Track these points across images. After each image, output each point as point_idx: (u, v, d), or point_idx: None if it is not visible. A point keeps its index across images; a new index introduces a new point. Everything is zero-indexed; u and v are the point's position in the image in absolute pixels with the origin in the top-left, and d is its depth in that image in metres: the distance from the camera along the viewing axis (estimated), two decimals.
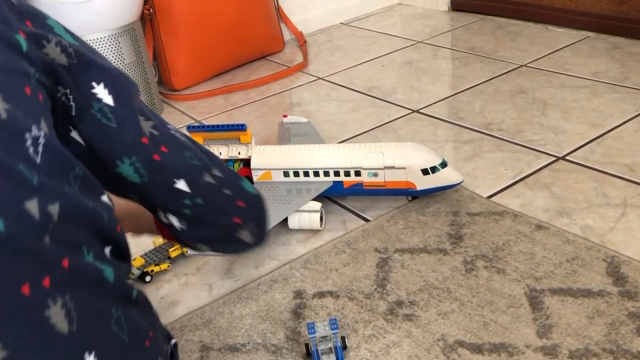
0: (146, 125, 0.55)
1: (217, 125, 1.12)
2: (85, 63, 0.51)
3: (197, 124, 1.21)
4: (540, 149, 1.21)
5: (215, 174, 0.59)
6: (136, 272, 0.98)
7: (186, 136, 0.60)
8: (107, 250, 0.50)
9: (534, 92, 1.46)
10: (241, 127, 1.10)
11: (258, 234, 0.64)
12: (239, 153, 1.13)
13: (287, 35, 2.05)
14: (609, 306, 0.79)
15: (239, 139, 1.13)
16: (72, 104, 0.51)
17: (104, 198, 0.52)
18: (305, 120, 1.36)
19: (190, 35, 1.73)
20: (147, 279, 0.98)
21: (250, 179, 1.13)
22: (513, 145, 1.24)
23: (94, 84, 0.52)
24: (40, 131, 0.44)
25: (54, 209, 0.43)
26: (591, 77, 1.50)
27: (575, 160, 1.16)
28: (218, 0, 1.74)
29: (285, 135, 1.31)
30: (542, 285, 0.85)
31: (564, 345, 0.74)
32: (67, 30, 0.53)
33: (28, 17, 0.49)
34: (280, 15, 2.01)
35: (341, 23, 2.22)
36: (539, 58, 1.66)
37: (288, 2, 2.03)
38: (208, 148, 1.12)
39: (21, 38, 0.46)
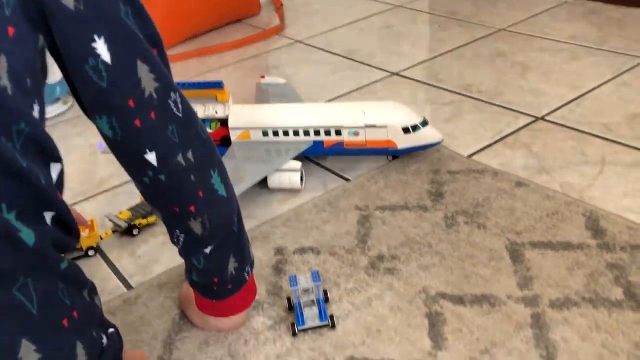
0: (149, 85, 0.52)
1: (193, 83, 1.09)
2: (92, 11, 0.47)
3: None
4: (519, 110, 1.21)
5: (188, 157, 0.57)
6: (123, 224, 0.95)
7: (186, 106, 0.57)
8: (48, 216, 0.47)
9: (513, 56, 1.46)
10: (218, 85, 1.08)
11: (210, 231, 0.61)
12: (216, 112, 1.10)
13: None
14: (588, 258, 0.80)
15: (216, 97, 1.10)
16: (64, 50, 0.48)
17: (54, 166, 0.49)
18: (284, 81, 1.34)
19: None
20: (135, 231, 0.96)
21: (228, 138, 1.10)
22: (492, 107, 1.24)
23: (95, 36, 0.48)
24: None
25: None
26: (570, 41, 1.50)
27: (554, 120, 1.16)
28: None
29: (263, 97, 1.29)
30: (523, 239, 0.85)
31: (544, 295, 0.75)
32: None
33: None
34: None
35: None
36: (518, 22, 1.65)
37: None
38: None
39: None
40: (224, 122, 1.11)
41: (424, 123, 1.05)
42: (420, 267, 0.82)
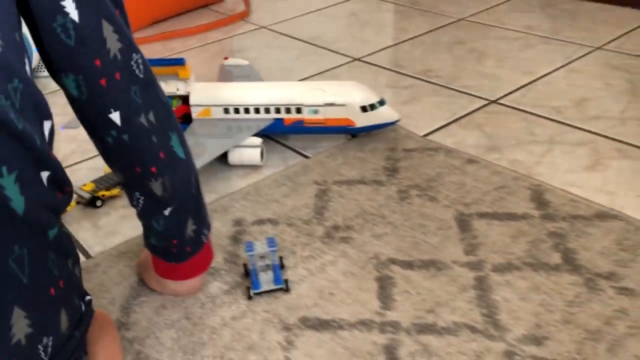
0: (113, 45, 0.53)
1: (154, 60, 1.10)
2: None
3: None
4: (474, 94, 1.26)
5: (150, 119, 0.59)
6: (87, 196, 0.96)
7: (147, 68, 0.58)
8: (44, 176, 0.49)
9: (471, 43, 1.51)
10: (179, 62, 1.09)
11: (170, 193, 0.63)
12: (177, 89, 1.12)
13: None
14: (531, 227, 0.84)
15: (178, 74, 1.11)
16: (33, 8, 0.48)
17: (47, 123, 0.50)
18: (247, 62, 1.35)
19: None
20: (98, 203, 0.97)
21: (189, 115, 1.12)
22: (449, 90, 1.28)
23: None
24: None
25: None
26: (525, 31, 1.55)
27: (507, 104, 1.21)
28: None
29: (226, 78, 1.30)
30: (471, 210, 0.89)
31: (488, 260, 0.79)
32: None
33: None
34: None
35: None
36: (477, 12, 1.70)
37: None
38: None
39: None
40: (185, 99, 1.12)
41: (382, 102, 1.09)
42: (374, 236, 0.85)
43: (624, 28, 1.51)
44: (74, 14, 0.50)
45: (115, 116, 0.56)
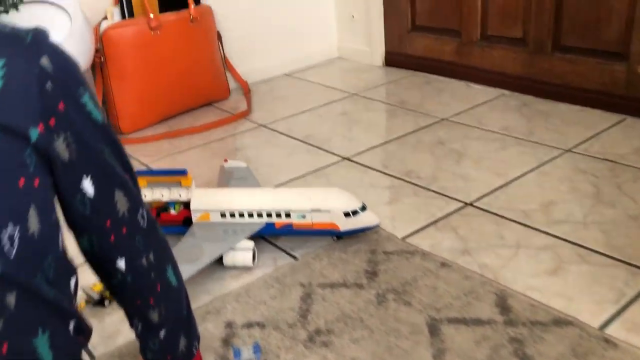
0: (123, 207, 0.64)
1: (160, 170, 1.23)
2: (82, 158, 0.58)
3: (141, 169, 1.31)
4: (451, 196, 1.37)
5: (150, 258, 0.69)
6: (96, 296, 1.06)
7: (149, 216, 0.69)
8: (71, 325, 0.59)
9: (451, 144, 1.64)
10: (182, 172, 1.21)
11: (165, 318, 0.72)
12: (180, 196, 1.23)
13: (232, 84, 2.18)
14: (494, 332, 0.93)
15: (180, 182, 1.23)
16: (58, 191, 0.59)
17: (72, 278, 0.61)
18: (244, 165, 1.48)
19: (138, 83, 1.84)
20: (106, 303, 1.07)
21: (189, 219, 1.23)
22: (428, 192, 1.40)
23: (83, 176, 0.59)
24: (16, 226, 0.51)
25: (11, 298, 0.51)
26: (502, 132, 1.68)
27: (480, 206, 1.32)
28: (167, 49, 1.86)
29: (225, 179, 1.43)
30: (441, 315, 0.98)
31: None
32: (97, 107, 0.60)
33: (63, 97, 0.55)
34: (227, 65, 2.15)
35: (284, 74, 2.37)
36: (459, 112, 1.85)
37: (234, 52, 2.18)
38: (151, 191, 1.22)
39: (35, 132, 0.52)
40: (187, 204, 1.24)
41: (363, 208, 1.20)
42: (352, 340, 0.94)
43: (592, 130, 1.64)
44: (90, 191, 0.60)
45: (121, 262, 0.67)
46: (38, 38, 0.55)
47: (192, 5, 1.91)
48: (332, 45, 2.50)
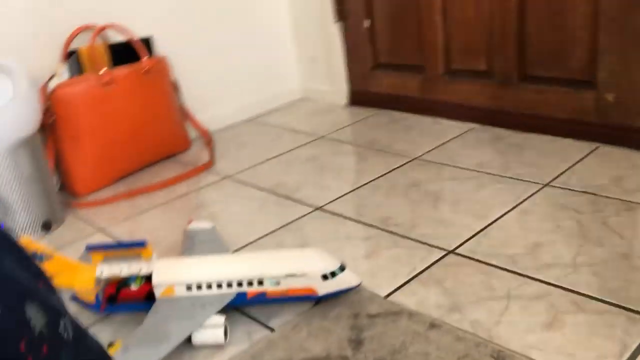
0: (39, 322, 0.53)
1: (117, 244, 1.12)
2: None
3: (96, 243, 1.21)
4: (432, 243, 1.29)
5: None
6: None
7: (75, 326, 0.58)
8: None
9: (426, 185, 1.57)
10: (141, 244, 1.11)
11: None
12: (140, 269, 1.13)
13: (193, 133, 2.09)
14: None
15: (140, 254, 1.13)
16: None
17: None
18: (210, 226, 1.38)
19: (93, 141, 1.74)
20: None
21: (153, 294, 1.12)
22: (408, 241, 1.32)
23: None
24: None
25: None
26: (477, 169, 1.63)
27: (463, 254, 1.24)
28: (121, 104, 1.77)
29: (189, 244, 1.32)
30: None
31: None
32: None
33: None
34: (185, 115, 2.06)
35: (247, 119, 2.30)
36: (430, 150, 1.79)
37: (193, 100, 2.09)
38: (108, 266, 1.11)
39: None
40: (148, 278, 1.13)
41: (342, 268, 1.11)
42: None
43: (568, 161, 1.60)
44: None
45: None
46: None
47: (145, 57, 1.82)
48: (294, 86, 2.44)
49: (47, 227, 1.56)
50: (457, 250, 1.26)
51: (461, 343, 0.98)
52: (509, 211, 1.39)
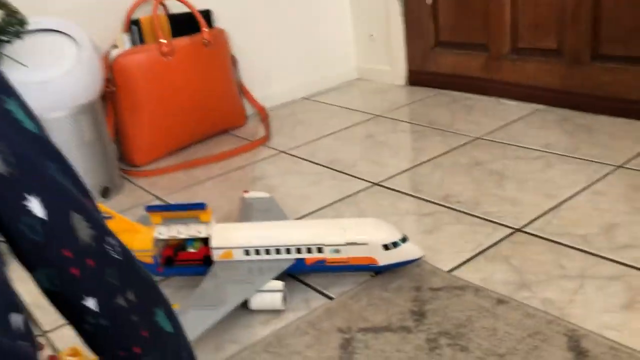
0: (84, 233, 0.53)
1: (176, 205, 1.11)
2: (25, 174, 0.49)
3: (155, 205, 1.20)
4: (498, 221, 1.24)
5: (129, 298, 0.57)
6: None
7: (123, 249, 0.58)
8: None
9: (490, 164, 1.51)
10: (200, 206, 1.10)
11: None
12: (199, 232, 1.12)
13: (250, 110, 2.08)
14: None
15: (199, 217, 1.12)
16: None
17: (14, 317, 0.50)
18: (267, 195, 1.36)
19: (151, 112, 1.74)
20: None
21: (210, 258, 1.11)
22: (472, 218, 1.26)
23: (27, 196, 0.50)
24: None
25: None
26: (544, 149, 1.55)
27: (532, 232, 1.18)
28: (180, 75, 1.77)
29: (247, 212, 1.31)
30: None
31: None
32: (31, 117, 0.51)
33: None
34: (243, 91, 2.05)
35: (302, 98, 2.27)
36: (493, 130, 1.72)
37: (250, 77, 2.08)
38: (166, 228, 1.11)
39: None
40: (206, 241, 1.12)
41: (404, 240, 1.07)
42: None
43: None
44: (39, 212, 0.50)
45: (90, 302, 0.55)
46: None
47: (205, 29, 1.82)
48: (351, 66, 2.40)
49: (105, 193, 1.57)
50: (524, 229, 1.20)
51: (531, 320, 0.92)
52: (580, 191, 1.31)
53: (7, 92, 0.50)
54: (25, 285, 0.53)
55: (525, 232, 1.18)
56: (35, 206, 0.50)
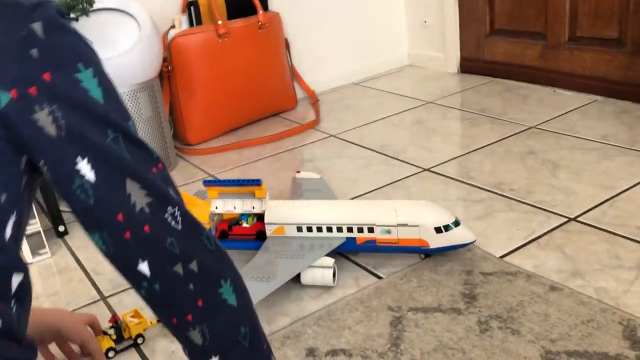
0: (140, 200, 0.54)
1: (233, 180, 1.14)
2: (75, 137, 0.51)
3: (213, 179, 1.23)
4: (551, 210, 1.22)
5: (191, 268, 0.58)
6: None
7: (187, 219, 0.58)
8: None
9: (544, 154, 1.48)
10: (256, 182, 1.12)
11: (212, 341, 0.60)
12: (253, 207, 1.14)
13: (300, 94, 2.10)
14: None
15: (254, 193, 1.14)
16: (49, 173, 0.52)
17: (16, 276, 0.54)
18: (318, 176, 1.38)
19: (206, 93, 1.78)
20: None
21: (263, 232, 1.14)
22: (524, 206, 1.25)
23: (78, 158, 0.52)
24: None
25: None
26: (601, 140, 1.52)
27: (587, 222, 1.16)
28: (235, 56, 1.80)
29: (298, 191, 1.33)
30: (558, 347, 0.84)
31: None
32: (100, 83, 0.53)
33: (52, 68, 0.50)
34: (294, 75, 2.07)
35: (353, 83, 2.28)
36: (548, 120, 1.69)
37: (301, 62, 2.10)
38: (222, 203, 1.14)
39: (5, 96, 0.47)
40: (260, 217, 1.15)
41: (456, 223, 1.07)
42: None
43: None
44: (90, 176, 0.52)
45: (144, 267, 0.56)
46: (40, 6, 0.50)
47: (260, 11, 1.84)
48: (402, 53, 2.39)
49: None
50: (579, 218, 1.18)
51: (585, 307, 0.91)
52: (638, 184, 1.28)
53: (85, 62, 0.52)
54: (84, 253, 0.56)
55: (580, 222, 1.17)
56: (86, 170, 0.52)
